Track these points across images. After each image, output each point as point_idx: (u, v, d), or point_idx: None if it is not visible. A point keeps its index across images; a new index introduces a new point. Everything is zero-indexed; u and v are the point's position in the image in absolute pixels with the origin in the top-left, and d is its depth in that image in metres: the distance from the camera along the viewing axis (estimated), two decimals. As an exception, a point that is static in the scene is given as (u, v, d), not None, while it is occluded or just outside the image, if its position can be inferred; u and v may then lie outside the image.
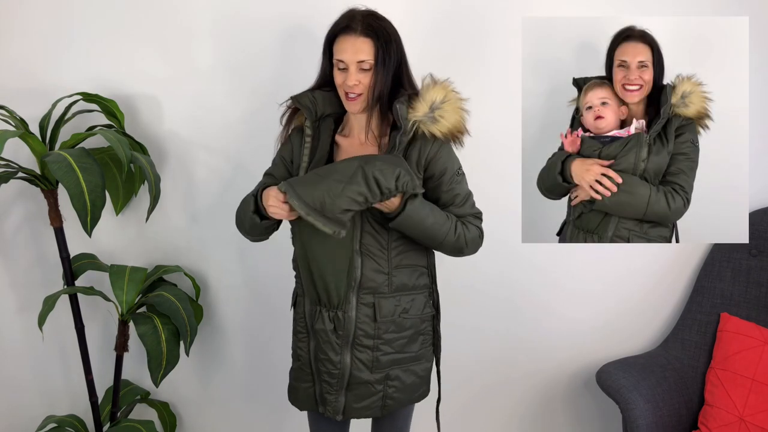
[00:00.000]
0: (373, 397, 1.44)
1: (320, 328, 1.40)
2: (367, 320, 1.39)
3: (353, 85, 1.32)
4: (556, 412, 2.09)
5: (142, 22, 1.83)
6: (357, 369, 1.41)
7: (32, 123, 1.77)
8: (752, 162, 1.86)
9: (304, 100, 1.39)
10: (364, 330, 1.39)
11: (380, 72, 1.32)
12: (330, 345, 1.40)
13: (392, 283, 1.40)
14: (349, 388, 1.43)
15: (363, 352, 1.40)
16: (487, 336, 2.02)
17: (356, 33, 1.30)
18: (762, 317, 1.81)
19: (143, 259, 1.98)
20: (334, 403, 1.43)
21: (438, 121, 1.33)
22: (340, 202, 1.25)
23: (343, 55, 1.31)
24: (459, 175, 1.40)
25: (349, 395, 1.43)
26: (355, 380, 1.42)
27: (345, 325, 1.38)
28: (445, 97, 1.33)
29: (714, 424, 1.71)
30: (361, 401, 1.43)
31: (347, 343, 1.39)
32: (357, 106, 1.35)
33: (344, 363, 1.40)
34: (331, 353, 1.40)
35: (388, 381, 1.44)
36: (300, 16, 1.81)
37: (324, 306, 1.40)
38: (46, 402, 2.10)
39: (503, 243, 1.93)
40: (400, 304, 1.41)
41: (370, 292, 1.38)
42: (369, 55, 1.31)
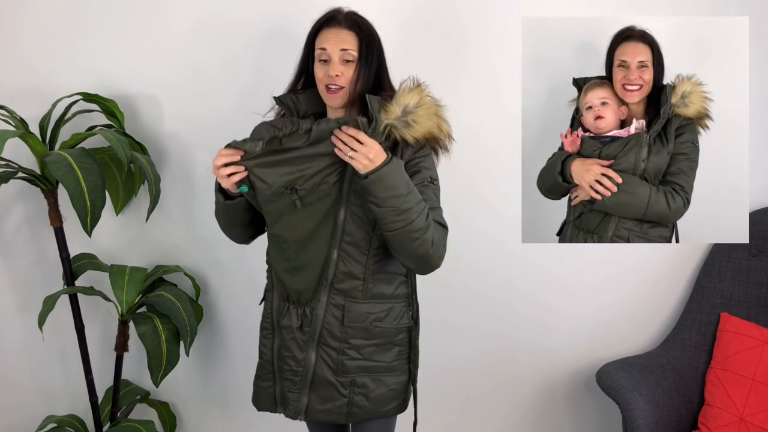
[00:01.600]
0: (337, 401, 1.39)
1: (286, 325, 1.38)
2: (335, 322, 1.36)
3: (335, 76, 1.30)
4: (556, 412, 2.09)
5: (142, 22, 1.83)
6: (321, 368, 1.38)
7: (32, 123, 1.77)
8: (752, 162, 1.86)
9: (286, 100, 1.40)
10: (330, 331, 1.36)
11: (363, 67, 1.31)
12: (295, 342, 1.38)
13: (367, 289, 1.36)
14: (313, 387, 1.39)
15: (328, 352, 1.38)
16: (487, 336, 2.02)
17: (341, 25, 1.32)
18: (762, 317, 1.81)
19: (143, 259, 1.98)
20: (296, 402, 1.40)
21: (411, 126, 1.27)
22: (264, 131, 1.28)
23: (326, 43, 1.31)
24: (432, 183, 1.33)
25: (313, 395, 1.40)
26: (319, 380, 1.38)
27: (312, 323, 1.36)
28: (419, 101, 1.27)
29: (714, 424, 1.71)
30: (324, 403, 1.39)
31: (313, 341, 1.37)
32: (338, 100, 1.33)
33: (308, 361, 1.38)
34: (296, 350, 1.38)
35: (354, 387, 1.39)
36: (300, 17, 1.80)
37: (292, 303, 1.38)
38: (46, 402, 2.10)
39: (503, 243, 1.93)
40: (373, 312, 1.37)
41: (340, 294, 1.35)
42: (352, 46, 1.31)
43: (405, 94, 1.27)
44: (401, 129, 1.27)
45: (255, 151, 1.26)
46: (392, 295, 1.39)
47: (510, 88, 1.83)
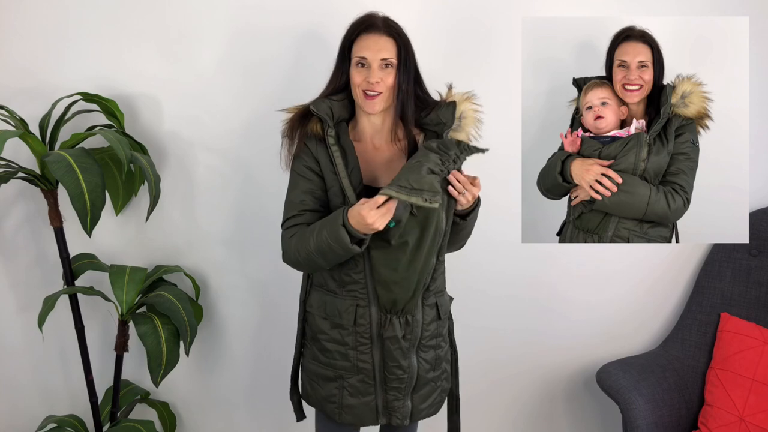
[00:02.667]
0: (434, 394, 1.47)
1: (390, 336, 1.37)
2: (432, 320, 1.42)
3: (375, 82, 1.31)
4: (556, 411, 2.09)
5: (142, 22, 1.83)
6: (423, 370, 1.43)
7: (32, 123, 1.77)
8: (752, 162, 1.86)
9: (323, 107, 1.35)
10: (429, 330, 1.42)
11: (403, 72, 1.34)
12: (400, 351, 1.38)
13: (444, 280, 1.48)
14: (415, 389, 1.43)
15: (427, 352, 1.43)
16: (487, 336, 2.02)
17: (380, 32, 1.32)
18: (762, 317, 1.81)
19: (143, 259, 1.98)
20: (402, 408, 1.42)
21: (458, 131, 1.40)
22: (424, 172, 1.24)
23: (365, 52, 1.31)
24: None
25: (415, 397, 1.44)
26: (421, 381, 1.43)
27: (413, 329, 1.38)
28: (464, 112, 1.41)
29: (714, 424, 1.71)
30: (425, 401, 1.46)
31: (413, 346, 1.40)
32: (376, 105, 1.33)
33: (412, 366, 1.40)
34: (401, 359, 1.38)
35: (442, 375, 1.49)
36: (301, 18, 1.81)
37: (395, 313, 1.37)
38: (46, 402, 2.10)
39: (503, 243, 1.93)
40: (446, 299, 1.50)
41: (432, 293, 1.42)
42: (392, 54, 1.32)
43: (461, 104, 1.40)
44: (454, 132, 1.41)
45: (435, 205, 1.23)
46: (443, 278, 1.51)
47: (510, 88, 1.83)
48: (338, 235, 1.24)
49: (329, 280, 1.41)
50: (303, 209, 1.37)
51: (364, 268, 1.35)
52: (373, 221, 1.20)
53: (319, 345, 1.44)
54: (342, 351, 1.41)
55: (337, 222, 1.25)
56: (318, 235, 1.28)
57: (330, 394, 1.44)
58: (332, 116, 1.36)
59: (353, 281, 1.37)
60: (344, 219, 1.24)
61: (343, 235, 1.23)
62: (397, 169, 1.35)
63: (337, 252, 1.27)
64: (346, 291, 1.38)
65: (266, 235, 1.89)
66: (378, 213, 1.21)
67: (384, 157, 1.41)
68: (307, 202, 1.37)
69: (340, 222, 1.24)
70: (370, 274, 1.35)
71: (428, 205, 1.19)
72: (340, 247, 1.25)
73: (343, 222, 1.24)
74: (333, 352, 1.42)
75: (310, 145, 1.38)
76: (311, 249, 1.30)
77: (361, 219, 1.21)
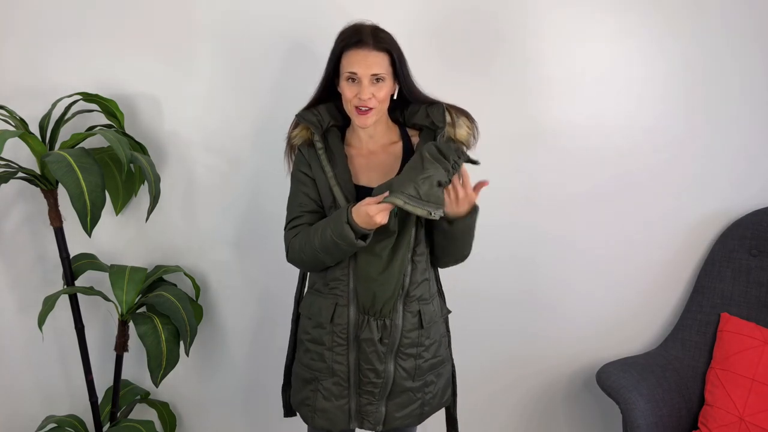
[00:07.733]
0: (413, 405, 1.44)
1: (367, 338, 1.37)
2: (413, 328, 1.40)
3: (367, 99, 1.31)
4: (556, 412, 2.09)
5: (142, 22, 1.83)
6: (400, 377, 1.41)
7: (32, 123, 1.77)
8: (752, 162, 1.86)
9: (309, 117, 1.40)
10: (409, 338, 1.40)
11: (396, 82, 1.36)
12: (376, 354, 1.38)
13: (431, 288, 1.45)
14: (390, 396, 1.42)
15: (406, 360, 1.41)
16: (487, 337, 2.02)
17: (369, 47, 1.30)
18: (762, 317, 1.81)
19: (143, 259, 1.98)
20: (375, 413, 1.41)
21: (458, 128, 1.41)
22: (435, 184, 1.24)
23: (355, 67, 1.30)
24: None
25: (390, 404, 1.42)
26: (398, 388, 1.42)
27: (391, 334, 1.37)
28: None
29: (714, 424, 1.71)
30: (402, 410, 1.43)
31: (391, 352, 1.39)
32: (369, 120, 1.34)
33: (388, 372, 1.39)
34: (377, 363, 1.38)
35: (425, 388, 1.45)
36: (301, 18, 1.81)
37: (371, 315, 1.37)
38: (46, 402, 2.09)
39: (503, 244, 1.93)
40: (435, 309, 1.46)
41: (415, 300, 1.40)
42: (383, 69, 1.31)
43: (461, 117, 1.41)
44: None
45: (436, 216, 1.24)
46: (437, 290, 1.50)
47: (509, 87, 1.83)
48: (343, 232, 1.28)
49: (318, 280, 1.45)
50: (303, 211, 1.43)
51: (348, 265, 1.38)
52: (377, 215, 1.25)
53: (303, 346, 1.48)
54: (319, 351, 1.43)
55: (341, 220, 1.29)
56: (323, 234, 1.33)
57: (305, 397, 1.47)
58: (320, 123, 1.40)
59: (336, 278, 1.40)
60: (348, 217, 1.28)
61: (348, 231, 1.28)
62: (393, 172, 1.38)
63: (342, 248, 1.31)
64: (328, 289, 1.42)
65: (266, 235, 1.89)
66: (379, 208, 1.25)
67: (379, 159, 1.43)
68: (306, 205, 1.43)
69: (344, 219, 1.28)
70: (353, 271, 1.38)
71: (431, 217, 1.22)
72: (346, 243, 1.29)
73: (347, 219, 1.28)
74: (312, 352, 1.44)
75: (303, 151, 1.44)
76: (316, 247, 1.34)
77: (366, 213, 1.25)
